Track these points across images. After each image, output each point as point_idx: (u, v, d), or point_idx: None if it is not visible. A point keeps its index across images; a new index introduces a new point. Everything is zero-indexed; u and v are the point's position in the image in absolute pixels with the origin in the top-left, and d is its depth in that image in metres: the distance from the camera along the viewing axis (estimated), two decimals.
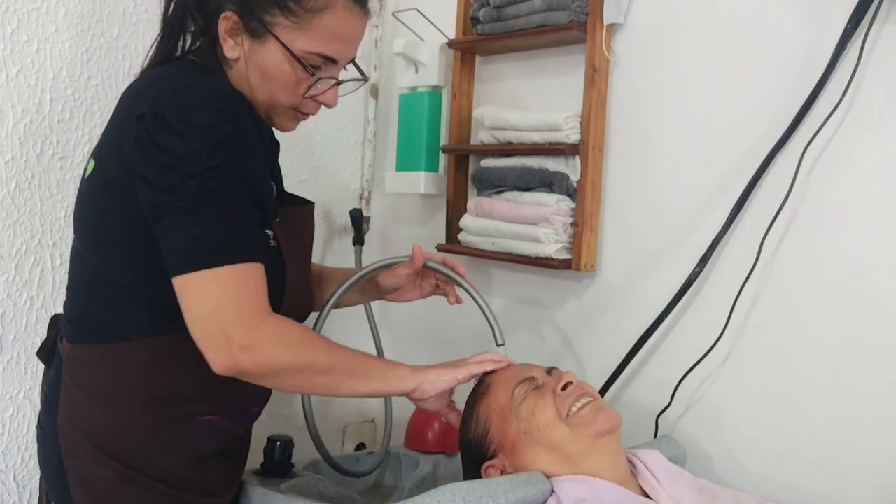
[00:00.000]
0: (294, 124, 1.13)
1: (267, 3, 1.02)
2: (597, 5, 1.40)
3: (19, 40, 1.32)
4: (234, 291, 0.95)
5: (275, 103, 1.08)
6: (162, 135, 0.94)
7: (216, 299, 0.94)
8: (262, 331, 0.96)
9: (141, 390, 1.04)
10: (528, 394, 1.08)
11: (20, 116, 1.33)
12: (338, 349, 1.04)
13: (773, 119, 1.23)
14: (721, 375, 1.31)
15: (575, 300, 1.53)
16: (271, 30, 1.02)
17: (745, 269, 1.24)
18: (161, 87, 1.00)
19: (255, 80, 1.06)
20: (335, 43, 1.05)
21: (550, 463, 1.04)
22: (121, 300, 1.04)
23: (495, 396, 1.11)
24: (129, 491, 1.04)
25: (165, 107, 0.95)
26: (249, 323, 0.95)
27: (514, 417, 1.07)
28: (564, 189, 1.44)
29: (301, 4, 1.01)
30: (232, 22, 1.03)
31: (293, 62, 1.04)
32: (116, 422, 1.04)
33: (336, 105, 1.11)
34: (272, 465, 1.25)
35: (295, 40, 1.03)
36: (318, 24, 1.03)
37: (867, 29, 1.12)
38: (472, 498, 0.94)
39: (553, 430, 1.04)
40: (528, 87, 1.59)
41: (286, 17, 1.02)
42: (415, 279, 1.30)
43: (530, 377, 1.11)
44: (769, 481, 1.25)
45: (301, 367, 1.00)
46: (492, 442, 1.09)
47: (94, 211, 1.05)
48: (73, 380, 1.06)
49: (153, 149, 0.94)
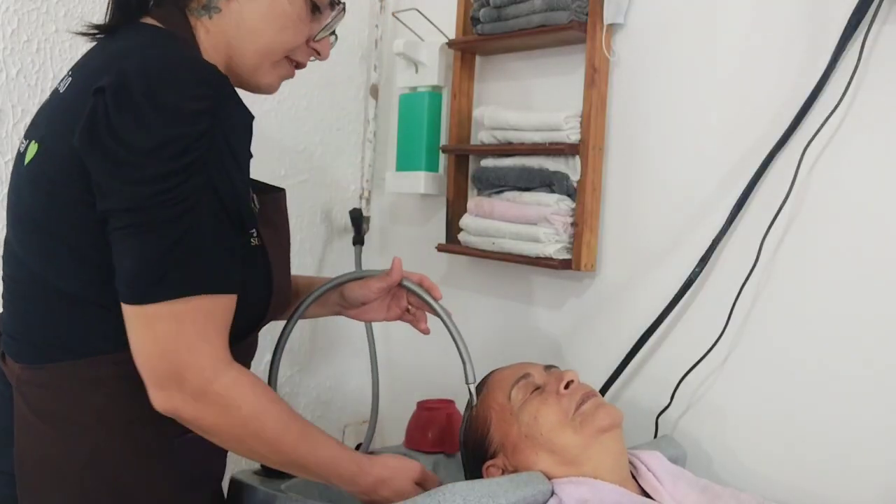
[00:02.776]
0: (279, 82, 1.00)
1: None
2: (597, 5, 1.40)
3: (19, 40, 1.32)
4: (192, 331, 0.81)
5: (272, 52, 0.95)
6: (122, 117, 0.77)
7: (167, 340, 0.80)
8: (219, 384, 0.83)
9: (116, 414, 0.88)
10: (528, 396, 1.08)
11: (20, 116, 1.33)
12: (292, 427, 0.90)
13: (773, 119, 1.23)
14: (721, 375, 1.31)
15: (575, 300, 1.53)
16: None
17: (745, 269, 1.24)
18: (129, 58, 0.81)
19: (255, 27, 0.92)
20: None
21: (552, 465, 1.04)
22: (75, 311, 0.87)
23: (493, 396, 1.11)
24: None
25: (133, 82, 0.78)
26: (205, 372, 0.82)
27: (515, 420, 1.07)
28: (564, 189, 1.44)
29: None
30: None
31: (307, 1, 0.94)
32: (91, 454, 0.88)
33: (328, 57, 1.02)
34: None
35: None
36: None
37: (867, 29, 1.12)
38: (472, 498, 0.94)
39: (556, 434, 1.04)
40: (528, 87, 1.59)
41: None
42: (385, 296, 1.17)
43: (526, 374, 1.11)
44: (770, 481, 1.25)
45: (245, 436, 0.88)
46: (492, 442, 1.09)
47: (36, 205, 0.87)
48: (28, 408, 0.89)
49: (108, 135, 0.77)
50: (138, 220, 0.78)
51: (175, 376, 0.81)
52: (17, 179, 0.91)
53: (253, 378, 0.88)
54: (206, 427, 0.86)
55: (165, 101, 0.78)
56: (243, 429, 0.86)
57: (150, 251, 0.79)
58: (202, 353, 0.82)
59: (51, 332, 0.88)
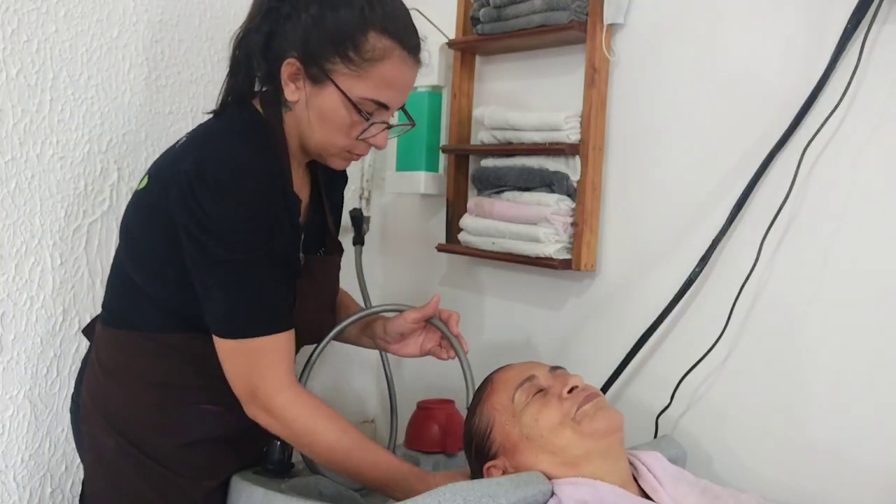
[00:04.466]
0: (346, 163, 1.21)
1: (328, 51, 1.07)
2: (597, 5, 1.40)
3: (19, 40, 1.32)
4: (260, 364, 1.08)
5: (329, 144, 1.14)
6: (202, 193, 1.03)
7: (244, 368, 1.09)
8: (278, 402, 1.09)
9: (149, 375, 1.16)
10: (531, 398, 1.08)
11: (20, 116, 1.33)
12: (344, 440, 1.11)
13: (774, 119, 1.23)
14: (721, 375, 1.31)
15: (575, 300, 1.53)
16: (331, 76, 1.08)
17: (745, 269, 1.24)
18: (205, 147, 1.10)
19: (312, 123, 1.13)
20: (389, 91, 1.11)
21: (552, 466, 1.03)
22: (140, 300, 1.16)
23: (497, 397, 1.11)
24: (126, 463, 1.15)
25: (207, 169, 1.04)
26: (269, 392, 1.08)
27: (517, 421, 1.07)
28: (564, 189, 1.44)
29: (360, 54, 1.07)
30: (294, 67, 1.09)
31: (349, 107, 1.10)
32: (123, 400, 1.17)
33: (385, 147, 1.20)
34: (272, 465, 1.25)
35: (352, 87, 1.09)
36: (375, 73, 1.09)
37: (867, 29, 1.12)
38: (472, 498, 0.94)
39: (557, 435, 1.04)
40: (528, 87, 1.59)
41: (345, 65, 1.08)
42: (420, 330, 1.34)
43: (530, 376, 1.11)
44: (769, 481, 1.25)
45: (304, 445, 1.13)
46: (493, 442, 1.09)
47: (135, 223, 1.16)
48: (96, 357, 1.21)
49: (194, 203, 1.04)
50: (220, 274, 1.05)
51: (251, 395, 1.09)
52: (130, 201, 1.20)
53: (308, 398, 1.11)
54: (277, 434, 1.12)
55: (228, 185, 1.03)
56: (300, 439, 1.11)
57: (228, 300, 1.07)
58: (267, 378, 1.08)
59: (121, 307, 1.19)
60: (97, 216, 1.44)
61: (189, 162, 1.06)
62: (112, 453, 1.16)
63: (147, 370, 1.16)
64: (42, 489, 1.43)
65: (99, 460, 1.19)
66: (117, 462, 1.16)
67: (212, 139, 1.12)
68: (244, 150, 1.08)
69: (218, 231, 1.04)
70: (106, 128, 1.44)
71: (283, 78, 1.10)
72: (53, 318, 1.41)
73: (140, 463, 1.15)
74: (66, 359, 1.43)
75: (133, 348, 1.17)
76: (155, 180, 1.14)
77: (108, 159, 1.45)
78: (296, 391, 1.10)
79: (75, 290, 1.43)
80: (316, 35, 1.07)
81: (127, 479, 1.16)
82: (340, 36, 1.06)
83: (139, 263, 1.15)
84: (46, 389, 1.42)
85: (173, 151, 1.16)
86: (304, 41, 1.08)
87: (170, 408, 1.16)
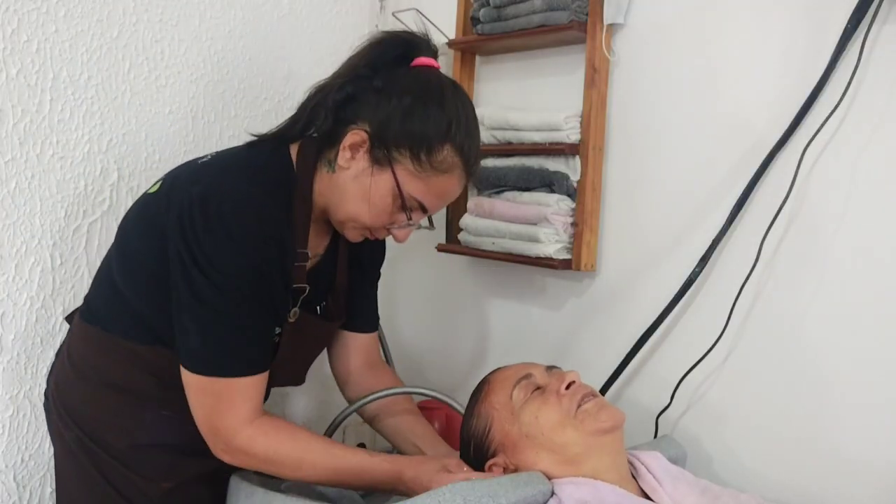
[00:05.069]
0: (360, 239, 1.19)
1: (402, 143, 1.08)
2: (597, 5, 1.40)
3: (19, 40, 1.32)
4: (225, 404, 1.07)
5: (356, 220, 1.13)
6: (200, 221, 1.03)
7: (208, 404, 1.08)
8: (239, 440, 1.08)
9: (110, 376, 1.16)
10: (529, 396, 1.08)
11: (20, 116, 1.33)
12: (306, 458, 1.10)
13: (774, 119, 1.23)
14: (721, 375, 1.31)
15: (575, 300, 1.53)
16: (393, 165, 1.08)
17: (745, 269, 1.24)
18: (219, 176, 1.09)
19: (349, 194, 1.11)
20: (438, 200, 1.13)
21: (552, 465, 1.04)
22: (118, 303, 1.15)
23: (495, 396, 1.11)
24: (84, 455, 1.17)
25: (212, 202, 1.03)
26: (229, 432, 1.08)
27: (515, 419, 1.07)
28: (564, 189, 1.44)
29: (430, 160, 1.08)
30: (360, 139, 1.09)
31: (397, 199, 1.10)
32: (82, 395, 1.18)
33: (403, 243, 1.20)
34: None
35: (408, 183, 1.09)
36: (435, 181, 1.10)
37: (867, 29, 1.12)
38: (472, 498, 0.94)
39: (557, 433, 1.04)
40: (528, 87, 1.59)
41: (412, 163, 1.08)
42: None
43: (527, 374, 1.11)
44: (769, 481, 1.25)
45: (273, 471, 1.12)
46: (493, 440, 1.09)
47: (132, 228, 1.16)
48: (67, 349, 1.22)
49: (189, 230, 1.03)
50: (202, 309, 1.04)
51: (212, 432, 1.09)
52: (136, 202, 1.19)
53: (269, 426, 1.10)
54: (246, 468, 1.12)
55: (230, 227, 1.02)
56: (268, 467, 1.11)
57: (205, 336, 1.05)
58: (228, 418, 1.07)
59: (99, 305, 1.19)
60: (97, 216, 1.44)
61: (200, 187, 1.05)
62: (72, 444, 1.17)
63: (110, 371, 1.16)
64: (42, 489, 1.43)
65: (64, 451, 1.20)
66: (79, 454, 1.17)
67: (230, 170, 1.11)
68: (257, 191, 1.07)
69: (206, 264, 1.02)
70: (106, 128, 1.44)
71: (345, 143, 1.09)
72: (53, 318, 1.41)
73: (98, 457, 1.16)
74: None
75: (99, 347, 1.17)
76: (166, 191, 1.12)
77: (108, 159, 1.45)
78: (257, 424, 1.09)
79: (75, 290, 1.43)
80: (398, 124, 1.07)
81: (88, 472, 1.17)
82: (421, 137, 1.07)
83: (126, 268, 1.15)
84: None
85: (194, 167, 1.15)
86: (384, 122, 1.08)
87: (126, 410, 1.16)
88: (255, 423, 1.09)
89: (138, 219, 1.16)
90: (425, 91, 1.09)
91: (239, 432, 1.08)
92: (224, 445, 1.09)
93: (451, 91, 1.11)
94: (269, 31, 1.68)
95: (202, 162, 1.16)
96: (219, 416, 1.07)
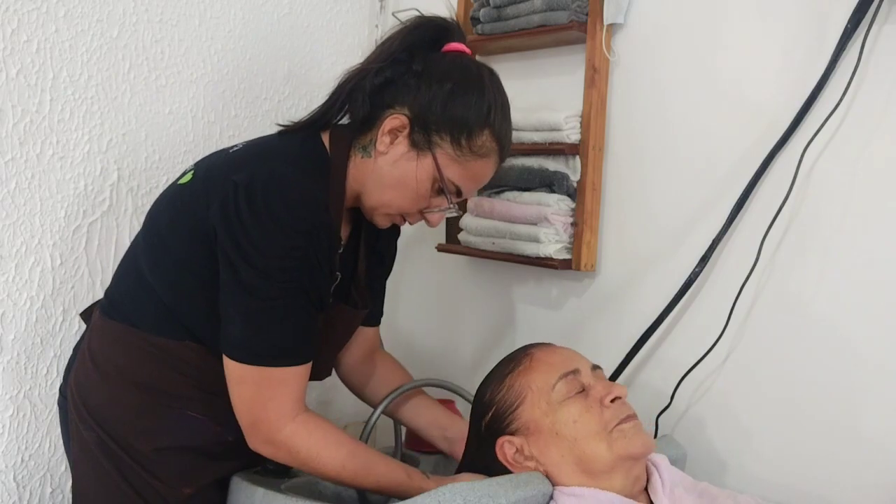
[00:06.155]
0: (389, 224, 1.19)
1: (443, 128, 1.08)
2: (597, 5, 1.41)
3: (19, 40, 1.32)
4: (268, 395, 1.05)
5: (392, 205, 1.13)
6: (246, 210, 1.01)
7: (251, 396, 1.06)
8: (283, 434, 1.06)
9: (135, 374, 1.13)
10: (572, 395, 1.04)
11: (20, 116, 1.33)
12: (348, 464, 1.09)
13: (773, 119, 1.23)
14: (721, 375, 1.31)
15: (575, 300, 1.53)
16: (433, 149, 1.09)
17: (745, 269, 1.24)
18: (262, 164, 1.06)
19: (387, 179, 1.11)
20: (473, 184, 1.14)
21: (571, 471, 1.02)
22: (145, 296, 1.13)
23: (537, 376, 1.06)
24: (105, 457, 1.13)
25: (258, 189, 1.01)
26: (272, 425, 1.06)
27: (551, 412, 1.03)
28: (564, 189, 1.44)
29: (469, 145, 1.09)
30: (400, 123, 1.09)
31: (436, 183, 1.11)
32: (106, 395, 1.14)
33: (435, 227, 1.20)
34: (272, 465, 1.25)
35: (447, 167, 1.10)
36: (472, 165, 1.11)
37: (867, 29, 1.12)
38: (472, 498, 0.94)
39: (590, 444, 1.01)
40: (528, 87, 1.59)
41: (452, 147, 1.09)
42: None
43: (575, 370, 1.06)
44: (769, 482, 1.25)
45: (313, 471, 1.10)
46: (517, 419, 1.05)
47: (164, 220, 1.13)
48: (88, 346, 1.18)
49: (236, 219, 1.01)
50: (249, 300, 1.02)
51: (253, 425, 1.07)
52: (165, 192, 1.17)
53: (313, 426, 1.08)
54: (283, 462, 1.10)
55: (277, 212, 1.00)
56: (307, 466, 1.09)
57: (251, 325, 1.03)
58: (271, 410, 1.05)
59: (123, 299, 1.16)
60: (97, 216, 1.44)
61: (243, 174, 1.03)
62: (92, 445, 1.14)
63: (135, 369, 1.13)
64: (42, 489, 1.43)
65: (83, 453, 1.16)
66: (96, 455, 1.14)
67: (271, 158, 1.09)
68: (301, 178, 1.05)
69: (253, 253, 1.00)
70: (106, 128, 1.44)
71: (384, 127, 1.09)
72: (53, 318, 1.41)
73: (119, 459, 1.13)
74: (66, 359, 1.43)
75: (125, 344, 1.13)
76: (201, 181, 1.10)
77: (108, 159, 1.45)
78: (301, 421, 1.07)
79: (75, 290, 1.43)
80: (439, 108, 1.08)
81: (108, 474, 1.13)
82: (462, 122, 1.08)
83: (156, 261, 1.12)
84: (46, 389, 1.42)
85: (226, 156, 1.13)
86: (425, 107, 1.08)
87: (151, 410, 1.13)
88: (298, 419, 1.07)
89: (171, 210, 1.13)
90: (465, 76, 1.10)
91: (283, 427, 1.06)
92: (265, 437, 1.06)
93: (489, 77, 1.13)
94: (269, 31, 1.68)
95: (235, 151, 1.14)
96: (261, 406, 1.05)
